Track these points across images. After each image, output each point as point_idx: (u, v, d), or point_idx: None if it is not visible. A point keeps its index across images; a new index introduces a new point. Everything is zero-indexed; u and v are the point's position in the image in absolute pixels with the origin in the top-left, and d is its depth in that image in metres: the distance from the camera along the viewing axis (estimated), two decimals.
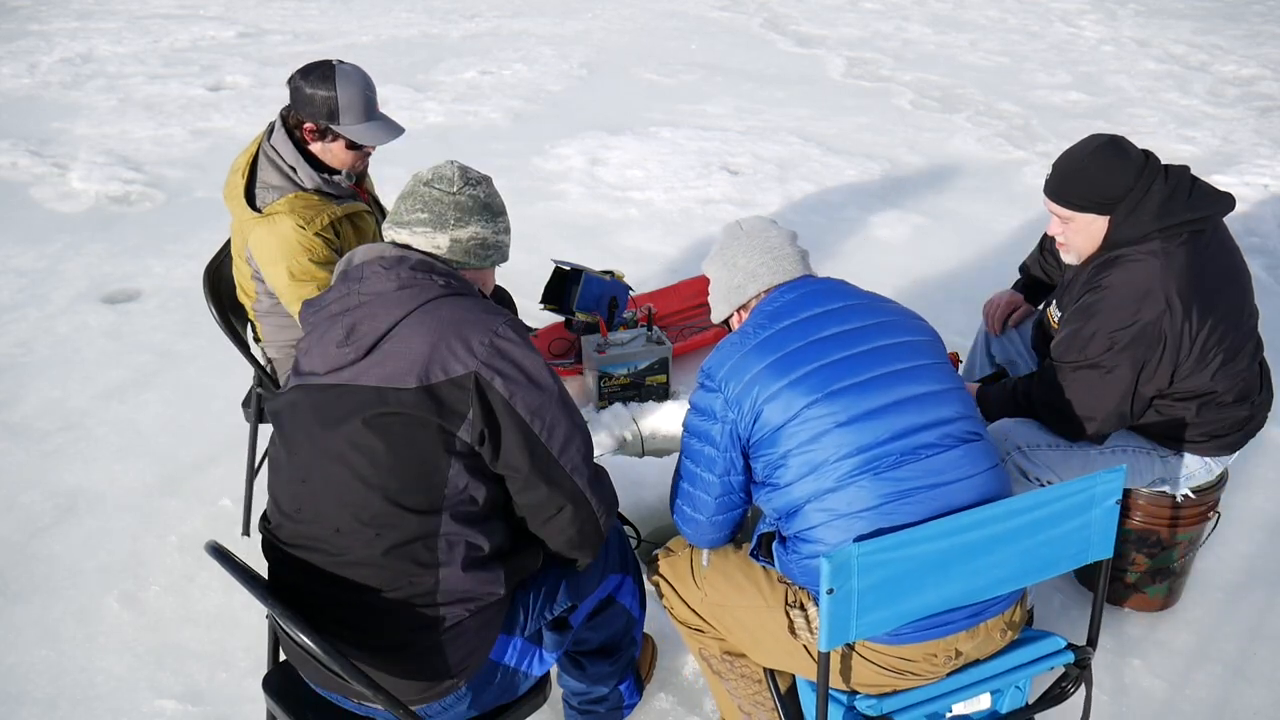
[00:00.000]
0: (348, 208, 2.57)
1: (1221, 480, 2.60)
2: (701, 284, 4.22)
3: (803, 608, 1.88)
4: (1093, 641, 1.94)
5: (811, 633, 1.86)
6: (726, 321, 2.11)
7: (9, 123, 6.63)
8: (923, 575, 1.67)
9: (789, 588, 1.92)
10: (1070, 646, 1.92)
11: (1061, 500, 1.75)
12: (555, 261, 3.39)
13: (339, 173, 2.57)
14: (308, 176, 2.50)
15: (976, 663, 1.89)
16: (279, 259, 2.46)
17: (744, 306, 2.04)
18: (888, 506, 1.75)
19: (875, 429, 1.78)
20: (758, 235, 2.03)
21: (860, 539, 1.70)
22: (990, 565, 1.72)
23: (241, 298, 2.72)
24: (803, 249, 2.05)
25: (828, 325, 1.89)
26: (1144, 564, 2.63)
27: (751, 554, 2.00)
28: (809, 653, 1.87)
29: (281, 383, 2.73)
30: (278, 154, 2.50)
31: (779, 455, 1.82)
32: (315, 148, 2.52)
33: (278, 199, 2.48)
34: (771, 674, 2.00)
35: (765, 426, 1.82)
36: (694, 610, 2.10)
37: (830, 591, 1.59)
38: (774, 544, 1.92)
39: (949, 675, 1.87)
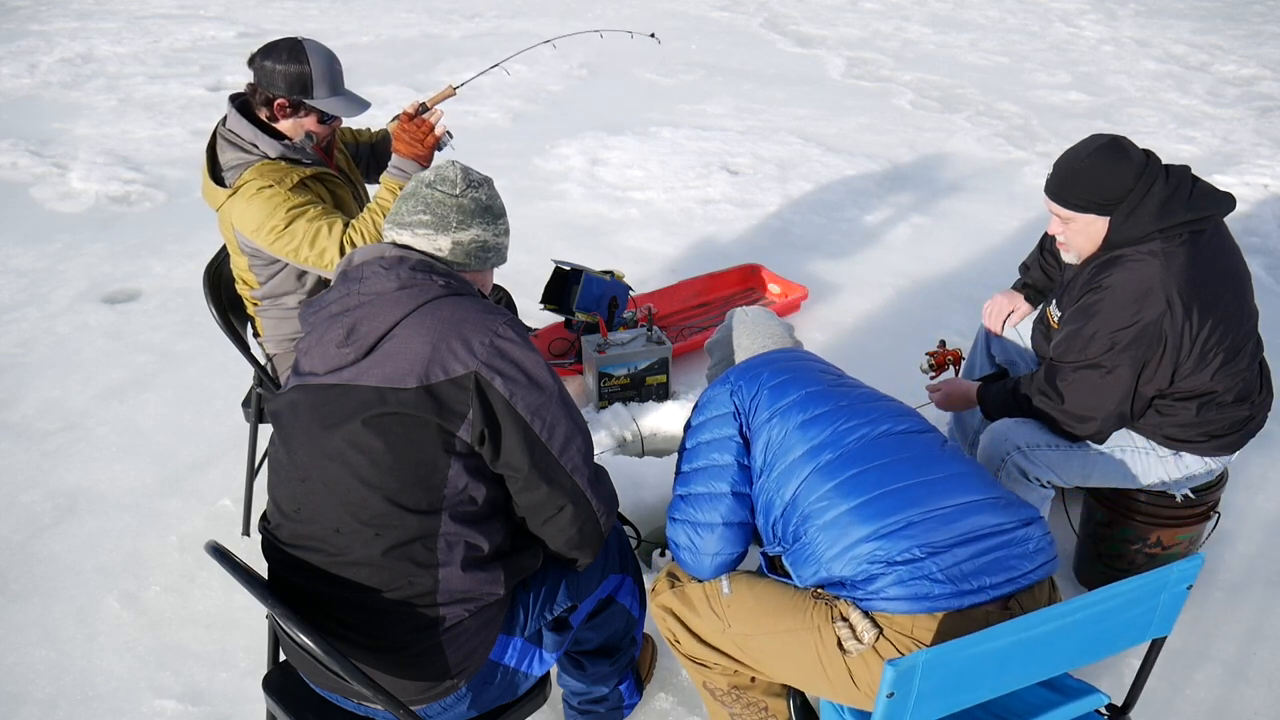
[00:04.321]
0: (315, 170, 2.61)
1: (1221, 480, 2.60)
2: (701, 284, 4.23)
3: (845, 619, 1.80)
4: (1130, 704, 1.90)
5: (860, 641, 1.77)
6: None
7: (9, 123, 6.63)
8: (983, 670, 1.62)
9: (828, 603, 1.83)
10: (1110, 708, 1.89)
11: (1134, 590, 1.69)
12: (555, 261, 3.39)
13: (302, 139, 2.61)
14: (270, 147, 2.54)
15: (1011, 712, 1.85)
16: (263, 220, 2.48)
17: None
18: (877, 508, 1.78)
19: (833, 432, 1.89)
20: (761, 323, 2.22)
21: (864, 540, 1.72)
22: (1051, 653, 1.68)
23: (241, 290, 2.73)
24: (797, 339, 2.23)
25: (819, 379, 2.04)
26: (1147, 566, 2.62)
27: (764, 571, 1.99)
28: (852, 676, 1.80)
29: (281, 380, 2.73)
30: (236, 135, 2.54)
31: (780, 436, 1.91)
32: (286, 124, 2.56)
33: (244, 170, 2.51)
34: (790, 694, 1.99)
35: (762, 412, 1.94)
36: (706, 643, 2.00)
37: (891, 695, 1.53)
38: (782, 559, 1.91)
39: None
